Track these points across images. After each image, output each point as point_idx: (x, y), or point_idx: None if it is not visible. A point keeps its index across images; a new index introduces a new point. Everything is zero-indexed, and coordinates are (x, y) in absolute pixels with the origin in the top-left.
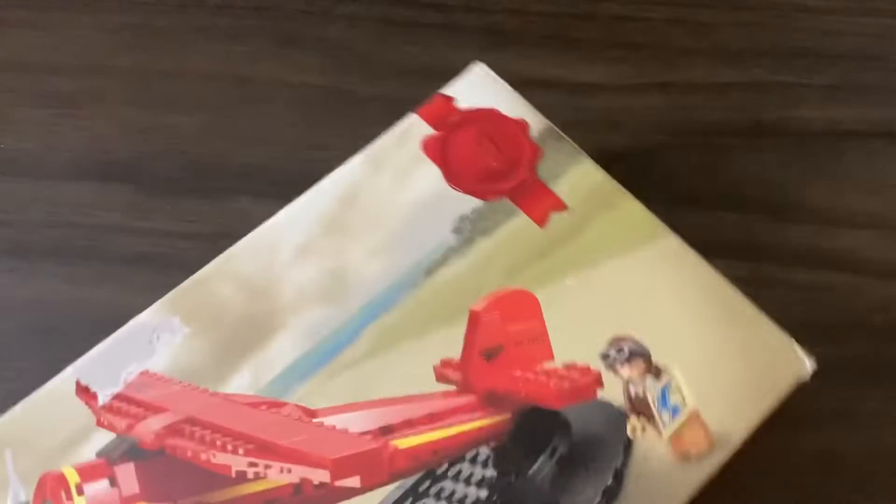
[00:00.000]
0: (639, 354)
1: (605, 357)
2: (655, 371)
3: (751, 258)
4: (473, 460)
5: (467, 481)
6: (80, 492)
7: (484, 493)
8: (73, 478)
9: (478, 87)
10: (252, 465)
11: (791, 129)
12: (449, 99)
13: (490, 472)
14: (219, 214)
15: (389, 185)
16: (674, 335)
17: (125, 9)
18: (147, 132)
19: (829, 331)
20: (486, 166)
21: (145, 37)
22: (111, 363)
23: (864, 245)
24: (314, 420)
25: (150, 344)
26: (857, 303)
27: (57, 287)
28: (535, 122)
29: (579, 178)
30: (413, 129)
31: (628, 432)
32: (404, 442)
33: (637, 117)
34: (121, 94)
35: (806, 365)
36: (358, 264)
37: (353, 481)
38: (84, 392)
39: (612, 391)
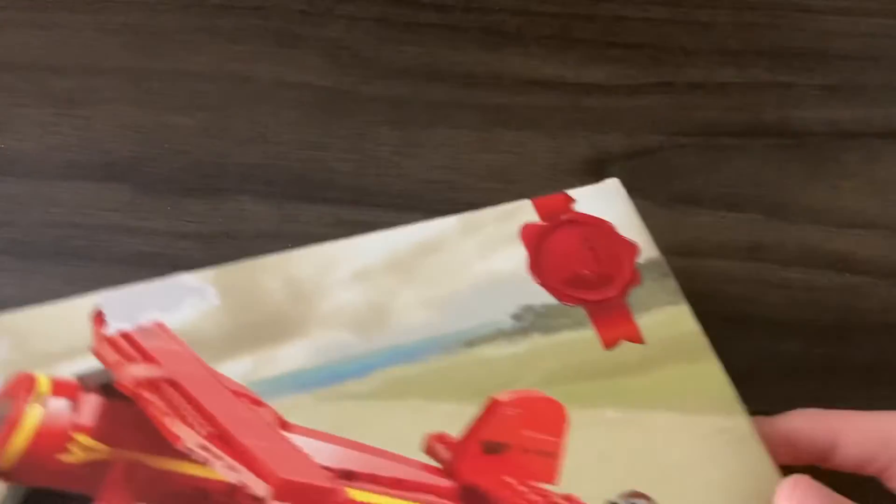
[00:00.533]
0: None
1: None
2: None
3: (751, 258)
4: None
5: None
6: (42, 402)
7: None
8: (44, 386)
9: (603, 200)
10: (203, 448)
11: (791, 129)
12: (569, 199)
13: None
14: (219, 214)
15: (472, 252)
16: None
17: (125, 9)
18: (147, 132)
19: (829, 331)
20: (577, 272)
21: (145, 37)
22: (136, 304)
23: (864, 245)
24: (284, 433)
25: (179, 302)
26: (857, 303)
27: (57, 287)
28: (647, 250)
29: (668, 321)
30: (520, 212)
31: None
32: (360, 495)
33: (637, 117)
34: (121, 94)
35: None
36: (404, 309)
37: None
38: (98, 319)
39: None
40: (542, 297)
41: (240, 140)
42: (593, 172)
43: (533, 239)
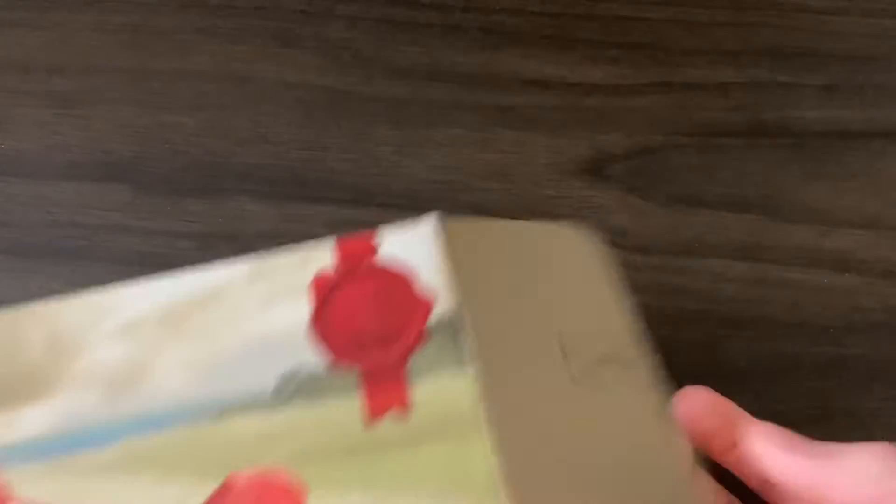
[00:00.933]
0: None
1: None
2: None
3: (751, 258)
4: None
5: None
6: None
7: None
8: None
9: (417, 243)
10: None
11: (791, 129)
12: (373, 244)
13: None
14: (218, 214)
15: (254, 304)
16: None
17: (125, 9)
18: (147, 132)
19: (829, 331)
20: (361, 331)
21: (145, 37)
22: None
23: (865, 245)
24: None
25: None
26: (857, 303)
27: (57, 287)
28: (445, 306)
29: (445, 390)
30: (319, 257)
31: None
32: None
33: (637, 117)
34: (121, 94)
35: None
36: (165, 369)
37: None
38: None
39: None
40: (314, 359)
41: (240, 140)
42: (593, 172)
43: (322, 291)
